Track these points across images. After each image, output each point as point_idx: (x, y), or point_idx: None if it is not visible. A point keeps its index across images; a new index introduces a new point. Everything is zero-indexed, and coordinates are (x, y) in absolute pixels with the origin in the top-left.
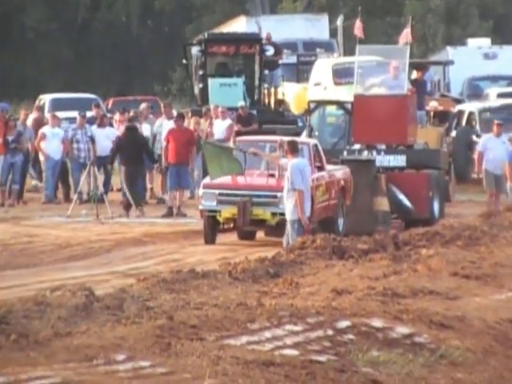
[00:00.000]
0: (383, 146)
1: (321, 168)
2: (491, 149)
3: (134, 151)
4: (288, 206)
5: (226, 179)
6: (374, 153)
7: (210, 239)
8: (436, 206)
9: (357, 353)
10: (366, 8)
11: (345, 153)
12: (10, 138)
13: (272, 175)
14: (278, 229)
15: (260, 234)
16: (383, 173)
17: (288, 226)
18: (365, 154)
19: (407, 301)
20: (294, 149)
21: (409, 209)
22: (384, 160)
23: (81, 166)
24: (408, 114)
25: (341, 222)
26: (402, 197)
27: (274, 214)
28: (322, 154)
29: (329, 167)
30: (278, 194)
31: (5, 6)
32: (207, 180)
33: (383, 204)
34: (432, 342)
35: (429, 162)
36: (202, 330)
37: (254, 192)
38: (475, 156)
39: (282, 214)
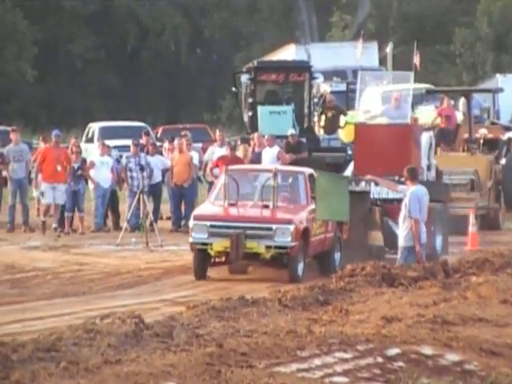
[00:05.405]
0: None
1: None
2: None
3: None
4: (402, 233)
5: (218, 210)
6: (372, 184)
7: (200, 274)
8: (438, 241)
9: (407, 380)
10: (415, 36)
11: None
12: (75, 166)
13: (266, 206)
14: (273, 263)
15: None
16: (379, 205)
17: (398, 252)
18: (362, 185)
19: (457, 328)
20: (413, 176)
21: None
22: (382, 192)
23: (134, 194)
24: (411, 145)
25: (337, 256)
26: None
27: (268, 248)
28: None
29: None
30: (273, 227)
31: (52, 34)
32: (197, 211)
33: (377, 238)
34: (482, 370)
35: (431, 194)
36: (251, 358)
37: (248, 224)
38: None
39: (277, 248)
